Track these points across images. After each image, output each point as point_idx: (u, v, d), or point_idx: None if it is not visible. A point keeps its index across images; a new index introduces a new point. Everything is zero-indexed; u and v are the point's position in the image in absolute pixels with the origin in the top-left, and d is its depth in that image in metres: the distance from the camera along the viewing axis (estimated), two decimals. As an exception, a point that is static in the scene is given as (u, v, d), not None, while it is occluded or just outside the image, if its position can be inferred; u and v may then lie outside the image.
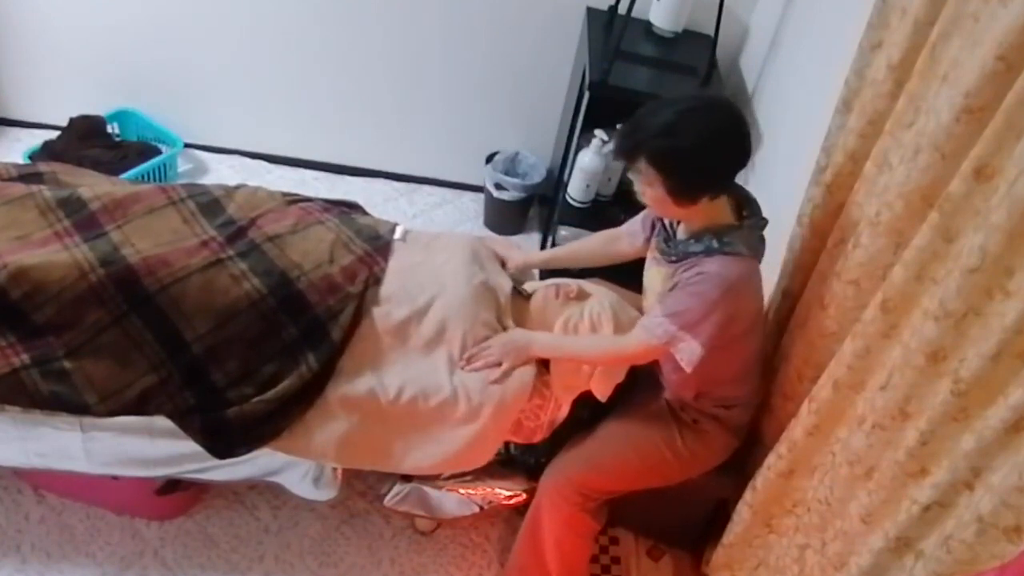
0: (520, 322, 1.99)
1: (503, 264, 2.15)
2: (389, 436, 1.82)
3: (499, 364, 1.83)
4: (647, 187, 1.66)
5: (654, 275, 1.85)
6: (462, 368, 1.84)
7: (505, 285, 2.05)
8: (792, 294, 1.97)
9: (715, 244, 1.67)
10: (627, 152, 1.64)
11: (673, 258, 1.75)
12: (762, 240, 1.75)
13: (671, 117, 1.59)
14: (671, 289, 1.72)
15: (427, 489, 2.01)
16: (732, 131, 1.62)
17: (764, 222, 1.75)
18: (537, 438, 1.92)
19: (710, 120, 1.60)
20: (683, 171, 1.60)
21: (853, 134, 1.71)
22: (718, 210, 1.70)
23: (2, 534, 2.02)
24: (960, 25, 1.41)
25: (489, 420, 1.81)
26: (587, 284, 2.02)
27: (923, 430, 1.35)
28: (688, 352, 1.67)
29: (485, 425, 1.81)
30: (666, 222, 1.84)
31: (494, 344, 1.85)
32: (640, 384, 1.96)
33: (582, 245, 2.19)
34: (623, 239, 2.05)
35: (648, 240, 1.95)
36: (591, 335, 1.90)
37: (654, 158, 1.60)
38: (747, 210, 1.74)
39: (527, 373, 1.84)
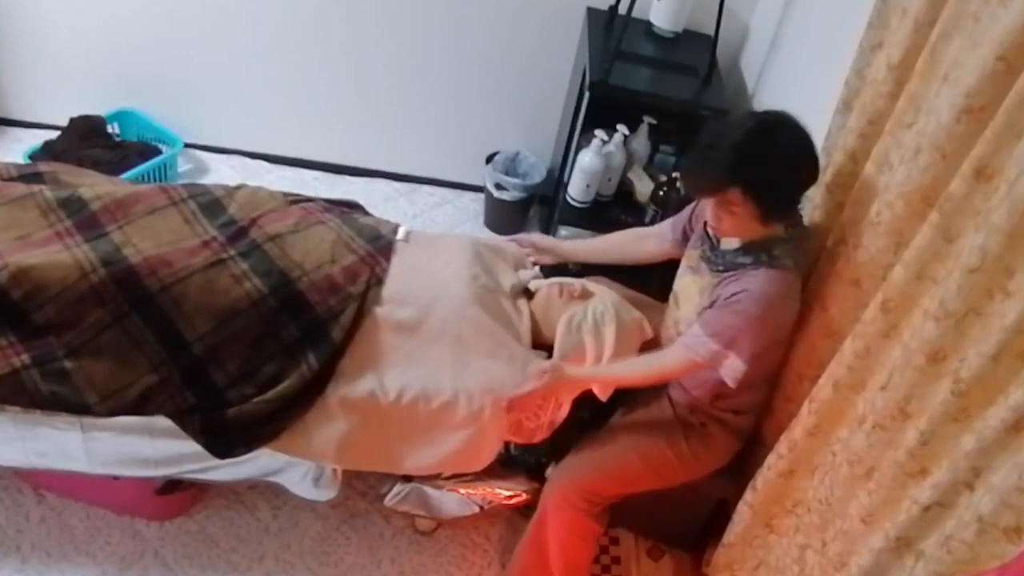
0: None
1: (531, 251, 2.17)
2: (389, 437, 1.82)
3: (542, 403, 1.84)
4: (728, 214, 1.64)
5: (689, 284, 1.84)
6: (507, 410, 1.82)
7: (508, 285, 2.05)
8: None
9: (764, 257, 1.67)
10: (717, 185, 1.61)
11: (720, 267, 1.74)
12: (807, 253, 1.75)
13: (751, 141, 1.57)
14: (711, 303, 1.71)
15: (427, 489, 2.01)
16: (806, 142, 1.62)
17: (808, 232, 1.75)
18: (537, 438, 1.92)
19: (786, 137, 1.59)
20: (778, 192, 1.61)
21: (853, 134, 1.71)
22: (773, 226, 1.69)
23: (2, 534, 2.02)
24: (960, 25, 1.41)
25: (489, 422, 1.81)
26: (590, 283, 2.02)
27: (923, 430, 1.35)
28: (732, 369, 1.68)
29: (485, 427, 1.81)
30: (710, 230, 1.78)
31: (536, 388, 1.81)
32: (643, 388, 1.96)
33: (607, 239, 2.18)
34: (651, 238, 2.06)
35: (675, 244, 1.96)
36: (627, 360, 1.87)
37: (749, 185, 1.58)
38: (791, 220, 1.72)
39: (537, 365, 1.84)
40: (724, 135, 1.60)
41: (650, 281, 2.20)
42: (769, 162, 1.58)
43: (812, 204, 1.86)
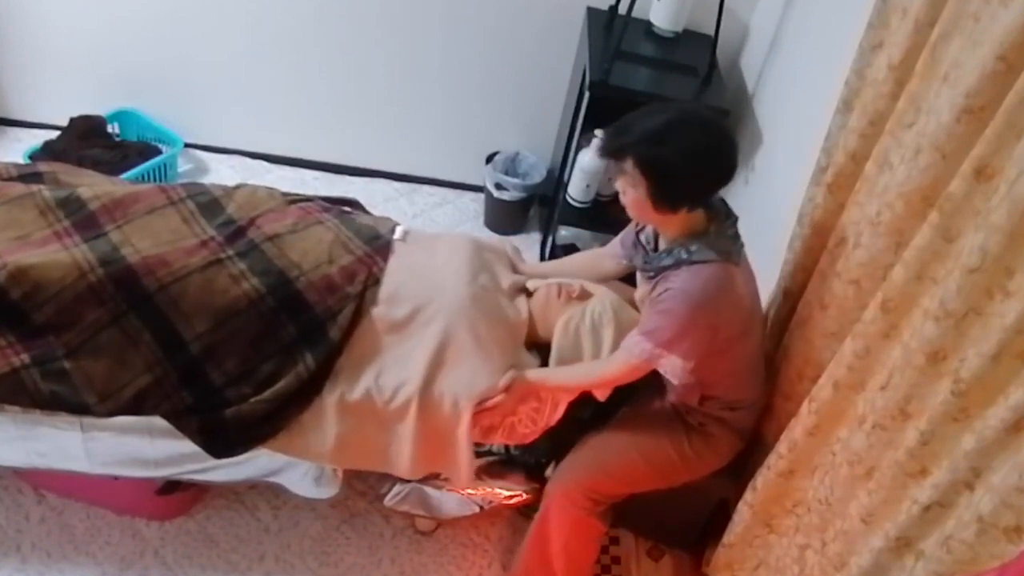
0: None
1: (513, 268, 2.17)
2: (386, 438, 1.82)
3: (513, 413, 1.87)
4: (630, 188, 1.67)
5: (641, 292, 1.86)
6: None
7: (506, 285, 2.05)
8: (792, 294, 1.97)
9: (683, 255, 1.69)
10: (615, 151, 1.65)
11: (651, 274, 1.77)
12: (734, 239, 1.74)
13: (664, 124, 1.60)
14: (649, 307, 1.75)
15: (427, 489, 2.01)
16: (721, 149, 1.63)
17: (732, 221, 1.75)
18: (529, 440, 1.92)
19: (701, 135, 1.61)
20: (668, 180, 1.62)
21: (854, 134, 1.71)
22: (693, 220, 1.71)
23: (2, 534, 2.02)
24: (960, 25, 1.40)
25: (465, 424, 1.80)
26: (589, 283, 2.02)
27: (923, 430, 1.35)
28: (671, 367, 1.69)
29: (463, 429, 1.81)
30: (643, 238, 1.86)
31: (503, 402, 1.82)
32: (644, 387, 1.96)
33: (569, 263, 2.22)
34: (605, 260, 2.09)
35: (629, 259, 1.98)
36: (576, 364, 1.91)
37: (642, 161, 1.61)
38: (712, 214, 1.74)
39: (505, 376, 1.83)
40: (651, 113, 1.63)
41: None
42: (669, 146, 1.59)
43: (813, 204, 1.86)
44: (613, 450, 1.91)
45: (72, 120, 2.92)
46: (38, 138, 2.95)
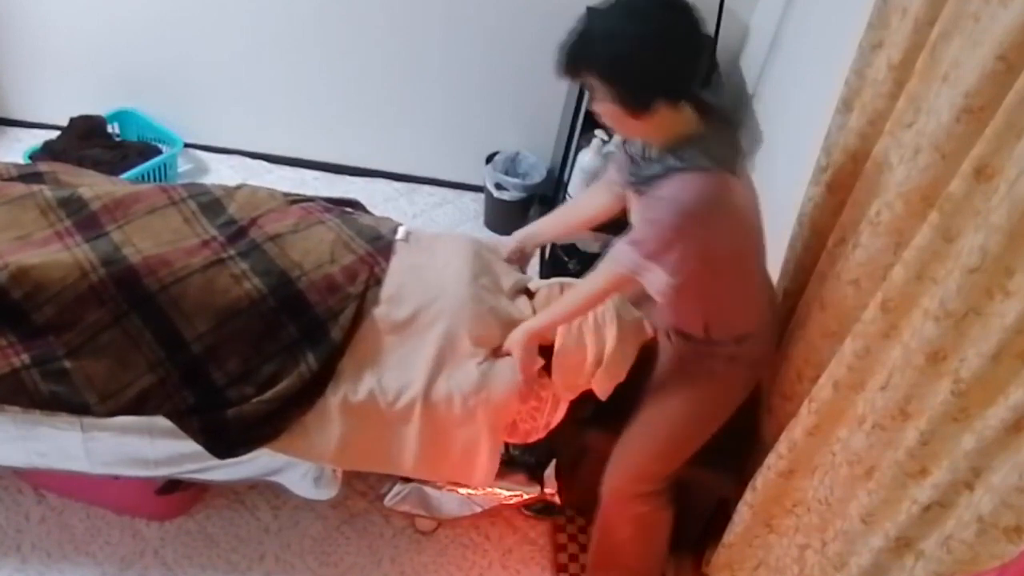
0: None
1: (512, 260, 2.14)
2: (388, 439, 1.82)
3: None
4: (599, 103, 1.54)
5: (634, 213, 1.73)
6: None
7: (508, 285, 2.05)
8: (792, 294, 1.97)
9: (674, 162, 1.53)
10: (569, 67, 1.52)
11: (641, 188, 1.63)
12: (733, 147, 1.61)
13: (611, 21, 1.47)
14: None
15: (427, 489, 2.01)
16: (680, 26, 1.48)
17: (731, 125, 1.61)
18: (532, 439, 1.92)
19: (654, 17, 1.47)
20: (629, 75, 1.47)
21: (854, 134, 1.71)
22: (680, 122, 1.56)
23: (2, 534, 2.02)
24: (960, 25, 1.40)
25: (483, 424, 1.81)
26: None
27: (923, 430, 1.35)
28: (655, 282, 1.57)
29: (478, 430, 1.81)
30: (631, 150, 1.70)
31: (521, 358, 1.81)
32: (647, 372, 1.95)
33: (563, 212, 2.09)
34: (601, 193, 1.94)
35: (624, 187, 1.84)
36: (564, 296, 1.85)
37: (598, 67, 1.48)
38: (707, 117, 1.58)
39: (514, 374, 1.83)
40: (597, 15, 1.50)
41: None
42: (621, 40, 1.45)
43: (813, 204, 1.86)
44: (644, 433, 1.89)
45: (72, 120, 2.92)
46: (38, 138, 2.95)
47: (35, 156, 2.82)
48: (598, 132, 2.52)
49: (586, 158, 2.58)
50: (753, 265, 1.74)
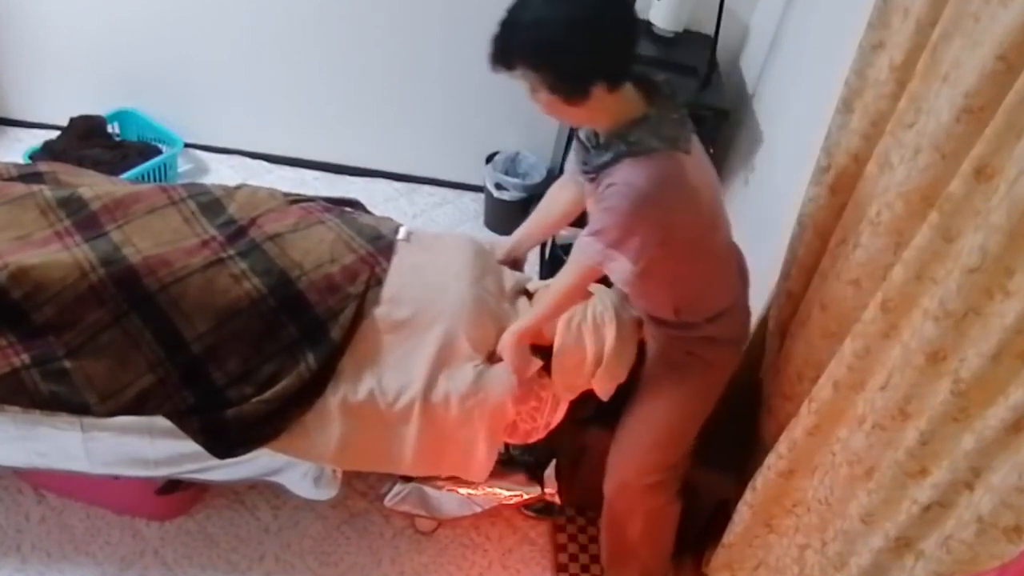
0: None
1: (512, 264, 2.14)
2: (388, 439, 1.82)
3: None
4: (536, 94, 1.51)
5: (590, 202, 1.71)
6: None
7: (508, 286, 2.05)
8: (793, 294, 1.97)
9: (622, 147, 1.51)
10: (499, 58, 1.49)
11: (593, 176, 1.60)
12: (681, 124, 1.56)
13: (537, 7, 1.44)
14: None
15: (427, 489, 2.01)
16: (608, 7, 1.45)
17: (678, 103, 1.58)
18: (532, 439, 1.92)
19: (580, 1, 1.44)
20: (560, 61, 1.45)
21: (855, 135, 1.71)
22: (625, 105, 1.53)
23: (2, 534, 2.02)
24: (961, 25, 1.40)
25: (480, 426, 1.81)
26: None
27: (923, 430, 1.35)
28: (618, 270, 1.55)
29: (476, 431, 1.81)
30: (583, 136, 1.68)
31: (514, 363, 1.81)
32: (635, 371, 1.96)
33: (537, 214, 2.06)
34: (566, 187, 1.93)
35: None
36: (541, 294, 1.86)
37: (528, 56, 1.45)
38: (652, 97, 1.56)
39: (509, 377, 1.83)
40: (523, 5, 1.47)
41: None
42: (547, 27, 1.42)
43: (814, 204, 1.86)
44: (638, 426, 1.89)
45: (72, 120, 2.92)
46: (38, 138, 2.95)
47: (35, 156, 2.82)
48: (598, 132, 2.52)
49: (586, 158, 2.58)
50: (714, 242, 1.71)
